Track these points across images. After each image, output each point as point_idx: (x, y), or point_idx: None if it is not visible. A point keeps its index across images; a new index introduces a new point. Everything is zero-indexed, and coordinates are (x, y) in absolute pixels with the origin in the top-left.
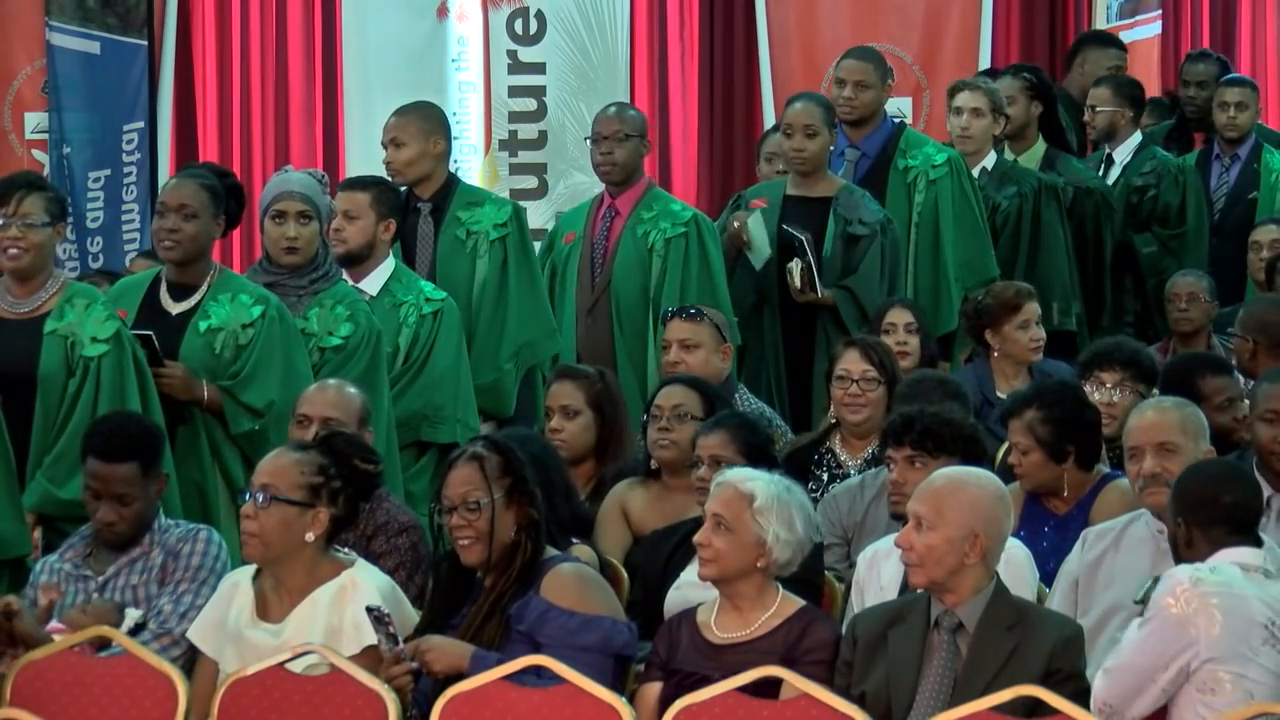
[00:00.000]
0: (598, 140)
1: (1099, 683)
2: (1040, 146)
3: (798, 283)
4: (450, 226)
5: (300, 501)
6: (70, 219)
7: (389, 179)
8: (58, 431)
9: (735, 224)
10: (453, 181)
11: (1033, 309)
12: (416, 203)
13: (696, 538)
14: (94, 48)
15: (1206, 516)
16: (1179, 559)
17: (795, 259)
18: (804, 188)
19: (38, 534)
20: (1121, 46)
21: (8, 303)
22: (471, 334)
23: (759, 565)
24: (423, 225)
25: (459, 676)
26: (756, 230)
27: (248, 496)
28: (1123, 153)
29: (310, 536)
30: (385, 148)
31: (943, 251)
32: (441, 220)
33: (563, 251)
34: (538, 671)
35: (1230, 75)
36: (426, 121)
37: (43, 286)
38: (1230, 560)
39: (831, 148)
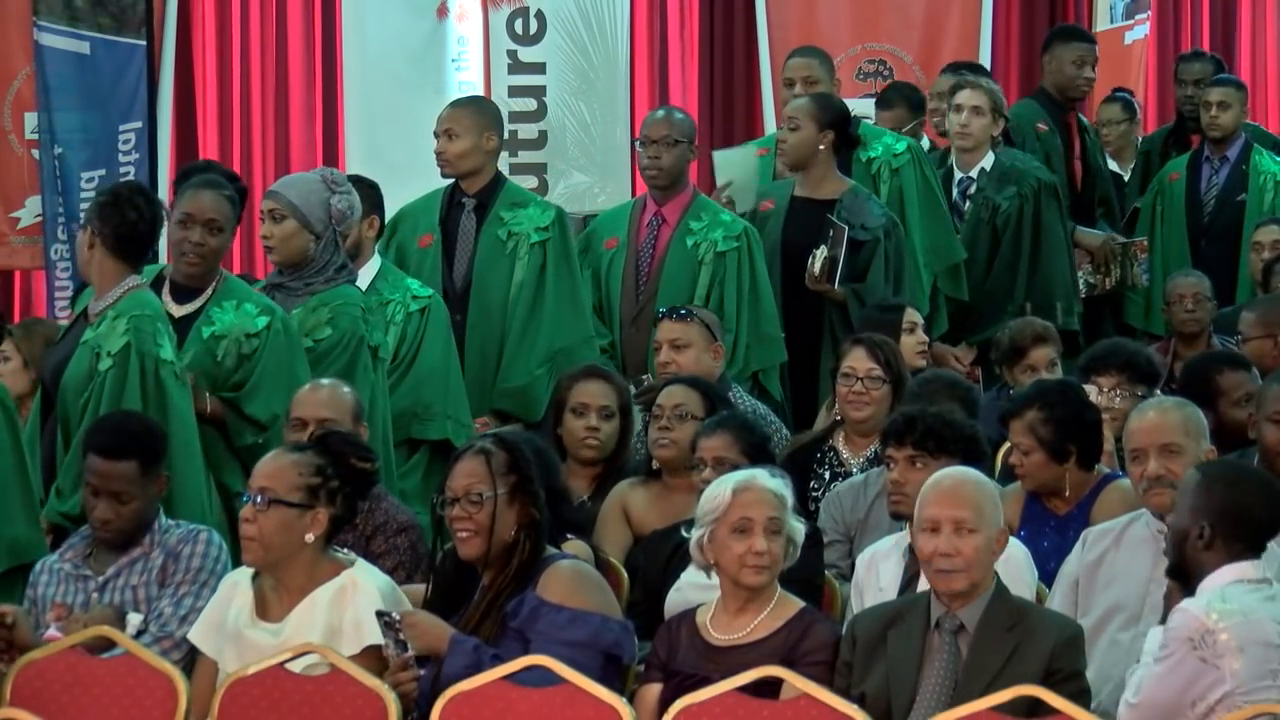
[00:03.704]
0: (645, 144)
1: (1126, 717)
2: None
3: (817, 270)
4: (492, 225)
5: (299, 503)
6: (62, 219)
7: (364, 177)
8: (66, 443)
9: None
10: (500, 180)
11: (1042, 355)
12: (461, 198)
13: (758, 547)
14: (84, 48)
15: (1238, 531)
16: (1183, 556)
17: (823, 246)
18: (810, 189)
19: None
20: (1088, 40)
21: (94, 305)
22: (505, 336)
23: (785, 563)
24: (465, 221)
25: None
26: (727, 165)
27: (245, 499)
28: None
29: (310, 537)
30: (437, 137)
31: (910, 238)
32: (484, 218)
33: (605, 257)
34: (537, 670)
35: (1217, 76)
36: (482, 116)
37: (107, 292)
38: (1233, 577)
39: (821, 146)
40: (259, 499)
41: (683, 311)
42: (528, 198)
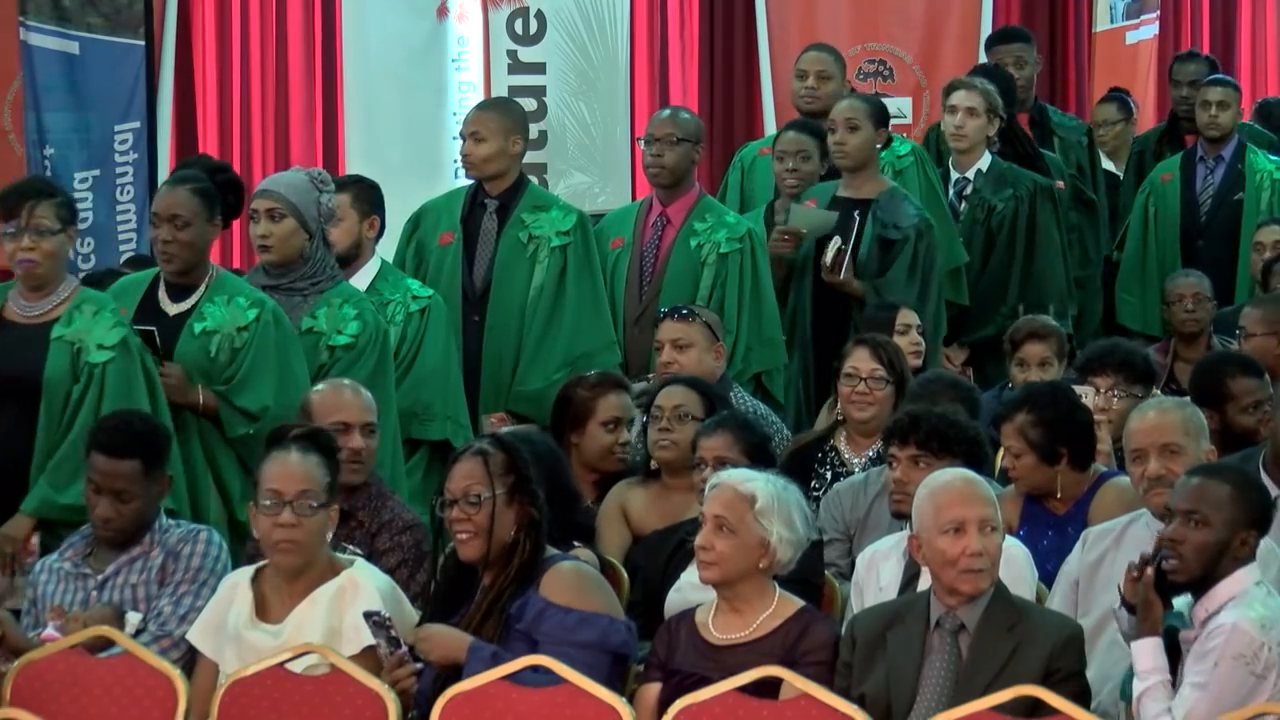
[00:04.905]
0: (649, 142)
1: None
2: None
3: (829, 260)
4: (514, 227)
5: (326, 503)
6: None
7: (364, 177)
8: (60, 436)
9: (782, 242)
10: (523, 182)
11: (1033, 351)
12: (484, 199)
13: (697, 541)
14: (72, 47)
15: (1264, 532)
16: (1215, 567)
17: (837, 236)
18: (850, 188)
19: (35, 539)
20: (1000, 41)
21: (20, 305)
22: (522, 339)
23: (761, 566)
24: (487, 222)
25: (457, 673)
26: (803, 219)
27: (270, 503)
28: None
29: (329, 535)
30: (464, 139)
31: None
32: (506, 220)
33: (610, 257)
34: (536, 670)
35: (1213, 75)
36: (507, 119)
37: (54, 291)
38: (1248, 581)
39: (878, 145)
40: (303, 504)
41: (685, 311)
42: (550, 201)
